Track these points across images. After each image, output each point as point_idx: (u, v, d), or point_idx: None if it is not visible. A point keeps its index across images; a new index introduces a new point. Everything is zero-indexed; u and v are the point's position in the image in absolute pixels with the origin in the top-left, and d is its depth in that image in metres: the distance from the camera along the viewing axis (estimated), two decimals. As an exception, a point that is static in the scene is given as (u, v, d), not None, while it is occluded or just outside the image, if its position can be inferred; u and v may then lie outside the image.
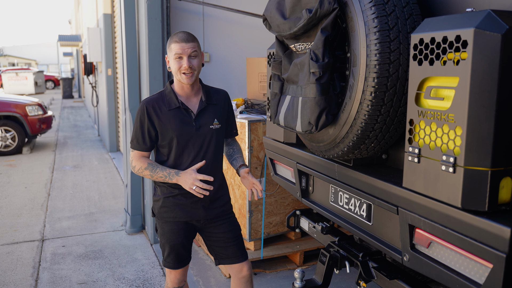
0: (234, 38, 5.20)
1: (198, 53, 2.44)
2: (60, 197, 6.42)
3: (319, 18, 2.02)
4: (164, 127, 2.47)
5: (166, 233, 2.59)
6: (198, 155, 2.50)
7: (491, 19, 1.47)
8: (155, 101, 2.50)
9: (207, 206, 2.56)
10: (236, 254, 2.63)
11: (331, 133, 2.18)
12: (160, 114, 2.47)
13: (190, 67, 2.39)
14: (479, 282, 1.59)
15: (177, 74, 2.43)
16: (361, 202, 2.33)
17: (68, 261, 4.29)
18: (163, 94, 2.53)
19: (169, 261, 2.63)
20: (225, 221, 2.63)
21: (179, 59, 2.40)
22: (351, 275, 3.76)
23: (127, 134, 4.97)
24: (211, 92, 2.60)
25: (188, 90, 2.51)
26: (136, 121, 2.52)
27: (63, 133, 12.70)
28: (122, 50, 4.90)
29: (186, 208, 2.55)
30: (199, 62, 2.45)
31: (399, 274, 2.23)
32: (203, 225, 2.61)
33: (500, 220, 1.49)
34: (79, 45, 21.18)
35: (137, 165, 2.51)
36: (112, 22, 9.01)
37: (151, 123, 2.47)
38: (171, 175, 2.44)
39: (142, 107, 2.49)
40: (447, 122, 1.61)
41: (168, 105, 2.48)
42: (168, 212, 2.56)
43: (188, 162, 2.50)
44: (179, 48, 2.38)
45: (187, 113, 2.49)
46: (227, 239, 2.62)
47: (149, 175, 2.48)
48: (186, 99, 2.52)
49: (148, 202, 4.71)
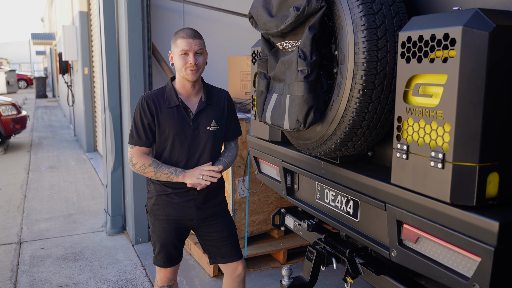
0: (215, 36, 5.18)
1: (203, 51, 2.41)
2: (37, 198, 6.28)
3: (307, 16, 2.03)
4: (161, 124, 2.42)
5: (157, 230, 2.57)
6: (194, 155, 2.47)
7: (479, 18, 1.50)
8: (154, 96, 2.45)
9: (200, 205, 2.53)
10: (230, 253, 2.61)
11: (319, 131, 2.19)
12: (159, 111, 2.42)
13: (196, 64, 2.36)
14: (467, 275, 1.63)
15: (182, 70, 2.39)
16: (347, 199, 2.35)
17: (48, 263, 4.20)
18: (163, 91, 2.48)
19: (159, 259, 2.60)
20: (219, 220, 2.61)
21: (185, 55, 2.36)
22: (334, 272, 3.79)
23: (106, 134, 4.90)
24: (213, 92, 2.55)
25: (189, 89, 2.46)
26: (135, 116, 2.45)
27: (37, 133, 12.44)
28: (101, 49, 4.82)
29: (178, 207, 2.52)
30: (204, 60, 2.42)
31: (386, 270, 2.26)
32: (196, 224, 2.58)
33: (488, 214, 1.52)
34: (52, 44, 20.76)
35: (139, 162, 2.43)
36: (89, 20, 8.86)
37: (151, 117, 2.42)
38: (177, 172, 2.40)
39: (142, 101, 2.43)
40: (435, 119, 1.63)
41: (168, 102, 2.44)
42: (160, 210, 2.53)
43: (183, 162, 2.46)
44: (186, 44, 2.34)
45: (186, 112, 2.45)
46: (221, 238, 2.60)
47: (153, 172, 2.41)
48: (186, 98, 2.48)
49: (129, 202, 4.65)
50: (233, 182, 3.82)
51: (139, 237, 4.59)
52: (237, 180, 3.84)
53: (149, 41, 4.43)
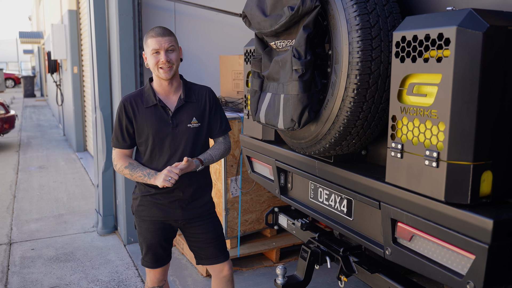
0: (207, 35, 5.17)
1: (175, 47, 2.41)
2: (27, 198, 6.22)
3: (301, 16, 2.03)
4: (140, 124, 2.43)
5: (143, 231, 2.56)
6: (175, 154, 2.46)
7: (473, 18, 1.52)
8: (133, 98, 2.47)
9: (185, 206, 2.53)
10: (216, 255, 2.61)
11: (313, 130, 2.20)
12: (136, 112, 2.43)
13: (168, 61, 2.35)
14: (461, 273, 1.64)
15: (155, 69, 2.39)
16: (341, 198, 2.36)
17: (39, 264, 4.16)
18: (142, 91, 2.49)
19: (147, 260, 2.59)
20: (205, 222, 2.59)
21: (156, 54, 2.37)
22: (327, 271, 3.81)
23: (97, 133, 4.87)
24: (193, 89, 2.54)
25: (167, 87, 2.47)
26: (116, 119, 2.49)
27: (26, 133, 12.31)
28: (92, 48, 4.79)
29: (163, 207, 2.51)
30: (177, 56, 2.41)
31: (380, 268, 2.27)
32: (181, 225, 2.58)
33: (482, 212, 1.54)
34: (41, 42, 20.57)
35: (118, 163, 2.48)
36: (78, 19, 8.79)
37: (128, 120, 2.44)
38: (150, 175, 2.41)
39: (120, 104, 2.45)
40: (430, 118, 1.65)
41: (146, 102, 2.44)
42: (145, 211, 2.53)
43: (164, 161, 2.46)
44: (156, 42, 2.35)
45: (165, 111, 2.45)
46: (206, 240, 2.59)
47: (129, 174, 2.45)
48: (165, 97, 2.48)
49: (121, 202, 4.63)
50: (226, 181, 3.82)
51: (131, 237, 4.57)
52: (229, 180, 3.84)
53: (141, 40, 4.40)
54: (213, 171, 3.96)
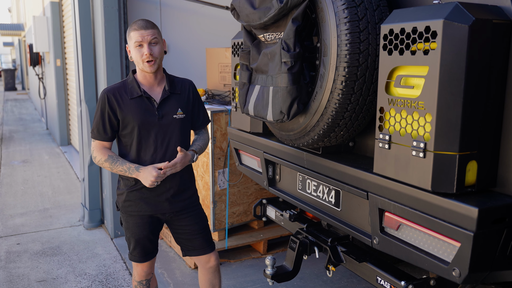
0: (193, 28, 5.15)
1: (158, 40, 2.41)
2: (11, 193, 6.15)
3: (290, 8, 2.05)
4: (125, 116, 2.42)
5: (131, 227, 2.56)
6: (161, 145, 2.47)
7: (459, 11, 1.55)
8: (116, 90, 2.45)
9: (172, 199, 2.54)
10: (202, 246, 2.63)
11: (302, 122, 2.22)
12: (121, 103, 2.42)
13: (151, 54, 2.36)
14: (447, 260, 1.69)
15: (139, 63, 2.39)
16: (329, 189, 2.39)
17: (25, 259, 4.13)
18: (125, 83, 2.49)
19: (135, 254, 2.60)
20: (191, 214, 2.61)
21: (139, 47, 2.37)
22: (313, 262, 3.86)
23: (82, 127, 4.83)
24: (176, 81, 2.57)
25: (151, 79, 2.47)
26: (97, 111, 2.46)
27: (8, 127, 12.13)
28: (76, 40, 4.73)
29: (150, 201, 2.52)
30: (160, 49, 2.42)
31: (368, 257, 2.31)
32: (168, 218, 2.59)
33: (467, 201, 1.58)
34: (21, 35, 20.21)
35: (98, 156, 2.46)
36: (60, 11, 8.65)
37: (112, 112, 2.42)
38: (131, 170, 2.40)
39: (103, 95, 2.43)
40: (417, 110, 1.68)
41: (130, 93, 2.44)
42: (132, 206, 2.52)
43: (151, 152, 2.46)
44: (139, 35, 2.35)
45: (150, 102, 2.45)
46: (193, 231, 2.61)
47: (109, 168, 2.44)
48: (149, 88, 2.48)
49: (107, 196, 4.61)
50: (213, 174, 3.83)
51: (118, 231, 4.56)
52: (217, 172, 3.85)
53: (126, 32, 4.37)
54: (201, 164, 3.97)
